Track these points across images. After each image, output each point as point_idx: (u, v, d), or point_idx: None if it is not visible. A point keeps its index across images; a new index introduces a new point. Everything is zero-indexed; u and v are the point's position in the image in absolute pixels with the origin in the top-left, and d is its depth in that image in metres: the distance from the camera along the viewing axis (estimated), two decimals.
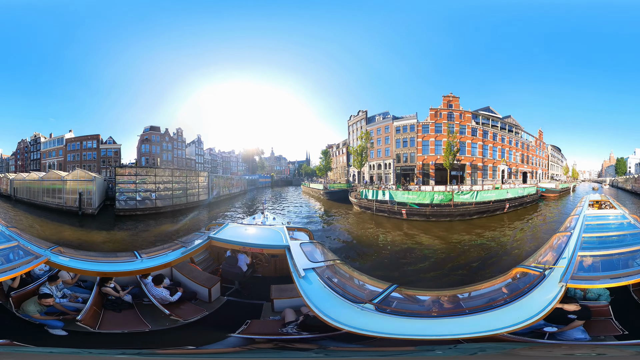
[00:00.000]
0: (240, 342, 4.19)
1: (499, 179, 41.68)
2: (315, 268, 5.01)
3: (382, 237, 16.25)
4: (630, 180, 44.88)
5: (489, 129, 43.38)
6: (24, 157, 54.13)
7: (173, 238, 12.02)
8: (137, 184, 22.27)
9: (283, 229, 6.87)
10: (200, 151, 69.44)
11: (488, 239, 15.11)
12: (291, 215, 24.16)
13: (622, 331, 4.20)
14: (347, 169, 58.38)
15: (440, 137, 41.86)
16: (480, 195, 21.23)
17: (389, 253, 13.45)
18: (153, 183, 23.22)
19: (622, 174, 62.09)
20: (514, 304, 4.07)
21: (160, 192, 23.72)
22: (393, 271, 10.36)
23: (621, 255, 4.73)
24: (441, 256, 12.26)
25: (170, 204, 24.64)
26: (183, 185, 26.91)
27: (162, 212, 22.55)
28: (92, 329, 4.82)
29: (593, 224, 6.33)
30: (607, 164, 78.96)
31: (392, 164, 46.18)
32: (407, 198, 20.38)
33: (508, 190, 24.13)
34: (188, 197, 27.18)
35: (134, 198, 22.08)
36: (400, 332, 3.55)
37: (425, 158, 42.59)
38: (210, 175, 33.57)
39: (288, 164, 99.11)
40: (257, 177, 71.18)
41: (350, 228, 18.72)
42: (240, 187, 48.51)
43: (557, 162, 61.46)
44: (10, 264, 4.84)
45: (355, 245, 14.98)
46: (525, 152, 47.72)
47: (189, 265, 6.51)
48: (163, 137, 56.13)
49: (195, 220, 21.59)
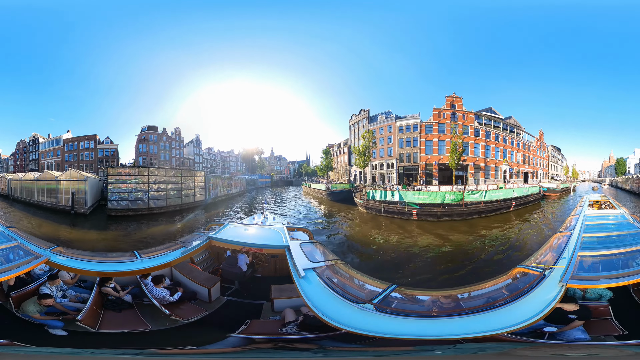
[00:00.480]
0: (240, 342, 4.19)
1: (501, 179, 42.28)
2: (315, 268, 5.01)
3: (422, 241, 14.83)
4: (629, 180, 46.17)
5: (491, 129, 43.83)
6: (22, 157, 54.47)
7: (165, 241, 12.23)
8: (129, 184, 22.27)
9: (283, 229, 6.87)
10: (199, 151, 68.83)
11: (511, 231, 17.01)
12: (292, 220, 21.30)
13: (622, 331, 4.19)
14: (349, 168, 57.99)
15: (444, 137, 42.02)
16: (489, 194, 22.02)
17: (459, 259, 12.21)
18: (145, 183, 22.83)
19: (621, 174, 63.09)
20: (514, 304, 4.07)
21: (153, 193, 23.14)
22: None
23: (621, 255, 4.73)
24: (490, 249, 13.72)
25: (164, 204, 23.85)
26: (178, 186, 25.97)
27: (156, 213, 22.06)
28: (92, 329, 4.82)
29: (593, 224, 6.33)
30: (606, 164, 79.68)
31: (395, 163, 45.83)
32: (417, 198, 20.43)
33: (514, 189, 25.28)
34: (183, 198, 26.28)
35: (126, 198, 22.11)
36: (400, 332, 3.55)
37: (429, 158, 42.65)
38: (208, 175, 32.17)
39: (288, 163, 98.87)
40: (256, 177, 70.30)
41: (371, 234, 16.33)
42: (239, 187, 47.43)
43: (558, 162, 62.35)
44: (10, 264, 4.85)
45: (400, 259, 12.46)
46: (526, 152, 48.37)
47: (189, 265, 6.51)
48: (161, 136, 55.91)
49: (191, 222, 20.88)
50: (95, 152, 48.51)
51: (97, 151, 48.14)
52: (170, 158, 56.44)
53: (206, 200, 29.26)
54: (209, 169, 69.30)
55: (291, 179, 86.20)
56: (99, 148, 48.88)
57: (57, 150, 50.40)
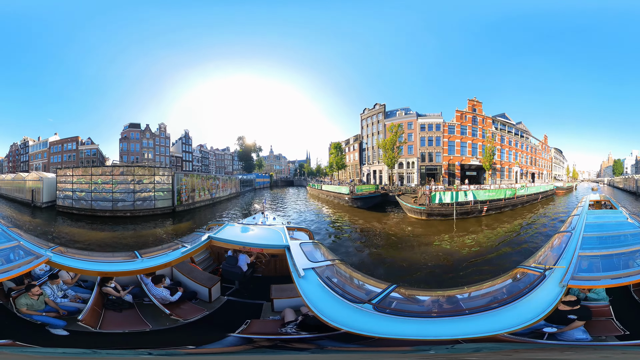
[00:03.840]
0: (239, 342, 4.20)
1: (513, 179, 46.19)
2: (315, 268, 5.01)
3: (514, 226, 18.55)
4: (624, 180, 52.32)
5: (505, 134, 47.64)
6: (15, 159, 55.96)
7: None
8: (73, 184, 23.20)
9: (283, 229, 6.88)
10: (188, 147, 64.84)
11: (550, 208, 27.52)
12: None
13: (623, 331, 4.18)
14: (360, 167, 52.17)
15: (465, 139, 44.05)
16: (529, 190, 30.15)
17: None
18: (88, 183, 22.49)
19: (619, 174, 67.41)
20: (514, 305, 4.05)
21: (96, 194, 22.18)
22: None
23: (621, 256, 4.72)
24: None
25: (109, 208, 21.65)
26: (128, 187, 22.11)
27: (100, 216, 21.14)
28: (93, 328, 4.84)
29: (593, 223, 6.31)
30: (605, 164, 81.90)
31: (417, 162, 44.46)
32: (488, 195, 23.69)
33: (541, 186, 35.67)
34: (136, 203, 22.06)
35: (70, 197, 23.25)
36: (399, 332, 3.55)
37: (451, 158, 43.92)
38: (178, 173, 25.03)
39: (288, 163, 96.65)
40: (253, 176, 63.16)
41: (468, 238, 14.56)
42: (230, 188, 38.40)
43: (560, 163, 65.62)
44: (10, 264, 4.87)
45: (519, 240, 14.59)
46: (533, 155, 53.36)
47: (189, 265, 6.53)
48: (143, 133, 54.76)
49: (133, 238, 15.60)
50: (77, 153, 50.43)
51: (78, 152, 50.18)
52: (155, 156, 55.13)
53: (174, 206, 23.49)
54: (200, 168, 65.52)
55: (292, 179, 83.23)
56: (81, 149, 50.51)
57: (44, 152, 52.31)
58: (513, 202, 25.31)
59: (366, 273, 6.00)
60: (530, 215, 23.06)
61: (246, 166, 67.81)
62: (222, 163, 75.25)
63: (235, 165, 75.82)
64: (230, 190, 38.37)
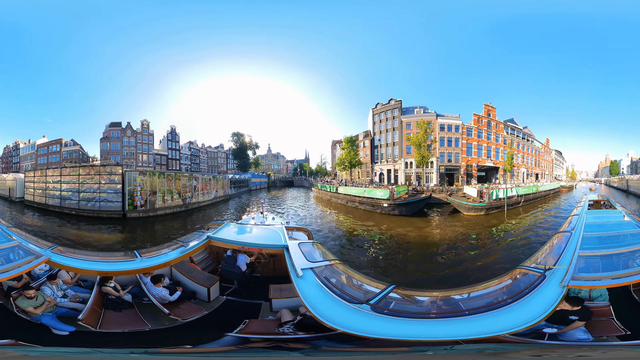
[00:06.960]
0: (236, 341, 4.20)
1: (520, 180, 50.01)
2: (314, 268, 5.00)
3: (548, 210, 27.17)
4: (619, 180, 58.23)
5: (514, 138, 51.05)
6: (7, 160, 57.34)
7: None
8: (34, 183, 28.43)
9: (282, 229, 6.88)
10: (174, 145, 58.51)
11: (563, 199, 36.83)
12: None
13: (624, 331, 4.15)
14: (372, 166, 48.54)
15: (482, 141, 46.78)
16: (545, 187, 39.56)
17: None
18: (43, 182, 27.08)
19: (615, 175, 71.85)
20: (514, 305, 4.02)
21: (49, 192, 26.05)
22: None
23: (621, 255, 4.69)
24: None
25: (57, 204, 24.51)
26: (73, 186, 22.96)
27: (51, 211, 24.60)
28: (93, 328, 4.85)
29: (593, 223, 6.28)
30: (602, 165, 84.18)
31: (436, 162, 43.90)
32: (524, 190, 30.86)
33: (551, 185, 44.13)
34: (81, 202, 21.80)
35: (31, 194, 28.96)
36: (396, 333, 3.53)
37: (469, 160, 45.79)
38: (130, 172, 21.22)
39: (287, 162, 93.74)
40: (248, 175, 56.81)
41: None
42: (214, 191, 31.05)
43: (560, 164, 69.77)
44: (10, 263, 4.88)
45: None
46: (536, 157, 57.95)
47: (188, 265, 6.54)
48: (124, 132, 53.16)
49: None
50: (60, 154, 51.76)
51: (62, 153, 51.78)
52: (136, 154, 53.44)
53: (125, 211, 20.39)
54: (190, 166, 61.99)
55: (292, 179, 79.96)
56: (64, 150, 51.83)
57: (32, 154, 54.11)
58: (536, 195, 33.87)
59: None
60: (551, 205, 31.30)
61: (241, 165, 61.63)
62: (215, 162, 71.24)
63: (230, 164, 71.30)
64: (215, 192, 31.44)
